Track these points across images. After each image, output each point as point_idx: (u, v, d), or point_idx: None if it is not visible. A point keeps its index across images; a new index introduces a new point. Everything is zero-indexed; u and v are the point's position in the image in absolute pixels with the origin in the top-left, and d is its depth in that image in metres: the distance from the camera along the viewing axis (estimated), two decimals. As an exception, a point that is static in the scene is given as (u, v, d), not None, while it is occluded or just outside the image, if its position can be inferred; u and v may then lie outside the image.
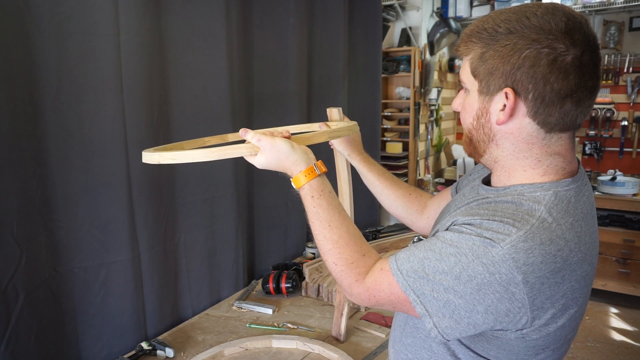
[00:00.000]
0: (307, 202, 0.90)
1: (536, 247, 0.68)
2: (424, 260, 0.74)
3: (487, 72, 0.74)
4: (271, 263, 2.12)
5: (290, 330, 1.62)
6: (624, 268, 3.65)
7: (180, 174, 1.66)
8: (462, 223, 0.75)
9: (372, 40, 2.81)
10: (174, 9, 1.57)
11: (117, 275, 1.46)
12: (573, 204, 0.75)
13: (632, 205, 3.56)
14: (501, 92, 0.73)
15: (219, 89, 1.76)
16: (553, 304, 0.71)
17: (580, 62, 0.69)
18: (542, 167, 0.76)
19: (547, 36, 0.68)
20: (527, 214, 0.71)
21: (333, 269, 0.87)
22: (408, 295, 0.75)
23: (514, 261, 0.67)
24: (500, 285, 0.68)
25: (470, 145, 0.83)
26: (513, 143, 0.76)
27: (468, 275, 0.69)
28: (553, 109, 0.71)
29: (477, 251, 0.69)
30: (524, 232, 0.68)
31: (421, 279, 0.73)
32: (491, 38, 0.72)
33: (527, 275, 0.67)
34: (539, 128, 0.74)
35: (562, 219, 0.72)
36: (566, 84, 0.69)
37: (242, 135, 0.93)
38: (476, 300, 0.70)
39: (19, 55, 1.17)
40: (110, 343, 1.47)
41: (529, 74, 0.70)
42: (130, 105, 1.42)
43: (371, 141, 2.94)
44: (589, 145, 4.16)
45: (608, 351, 3.09)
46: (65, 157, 1.30)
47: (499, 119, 0.74)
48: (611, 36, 3.95)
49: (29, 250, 1.23)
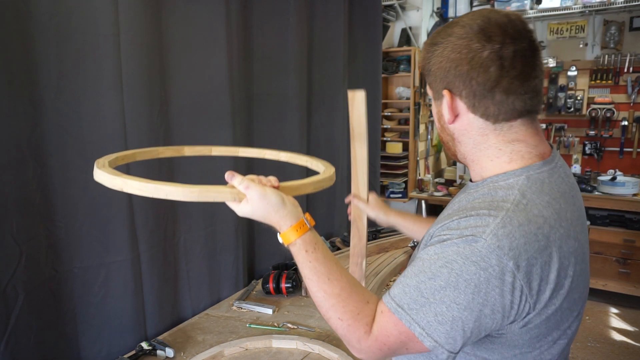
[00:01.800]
0: (302, 258, 0.84)
1: (516, 230, 0.69)
2: (419, 285, 0.73)
3: (432, 81, 0.83)
4: (271, 263, 2.12)
5: (290, 330, 1.62)
6: (624, 268, 3.65)
7: (181, 174, 1.66)
8: (441, 231, 0.76)
9: (372, 40, 2.82)
10: (174, 9, 1.57)
11: (117, 275, 1.46)
12: (547, 184, 0.77)
13: (632, 205, 3.56)
14: (442, 95, 0.80)
15: (219, 89, 1.76)
16: (548, 284, 0.72)
17: (499, 55, 0.74)
18: (504, 155, 0.80)
19: (463, 40, 0.76)
20: (502, 200, 0.74)
21: (339, 325, 0.81)
22: (413, 330, 0.72)
23: (500, 249, 0.68)
24: (496, 278, 0.69)
25: (447, 149, 0.89)
26: (470, 138, 0.82)
27: (465, 281, 0.69)
28: (486, 101, 0.77)
29: (463, 252, 0.70)
30: (501, 218, 0.70)
31: (423, 306, 0.72)
32: (429, 52, 0.82)
33: (517, 260, 0.69)
34: (485, 120, 0.79)
35: (537, 199, 0.74)
36: (487, 77, 0.75)
37: (227, 179, 0.86)
38: (480, 304, 0.69)
39: (19, 55, 1.17)
40: (110, 343, 1.47)
41: (456, 74, 0.77)
42: (130, 105, 1.42)
43: (371, 141, 2.94)
44: (589, 145, 4.16)
45: (608, 351, 3.09)
46: (65, 157, 1.30)
47: (448, 119, 0.82)
48: (611, 36, 3.95)
49: (29, 250, 1.23)
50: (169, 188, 0.81)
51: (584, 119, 4.17)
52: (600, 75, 4.04)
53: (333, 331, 1.61)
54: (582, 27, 4.11)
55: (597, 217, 3.73)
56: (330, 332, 1.59)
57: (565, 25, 4.17)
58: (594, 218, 3.75)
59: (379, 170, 3.10)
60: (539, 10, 4.07)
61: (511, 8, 4.17)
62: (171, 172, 1.64)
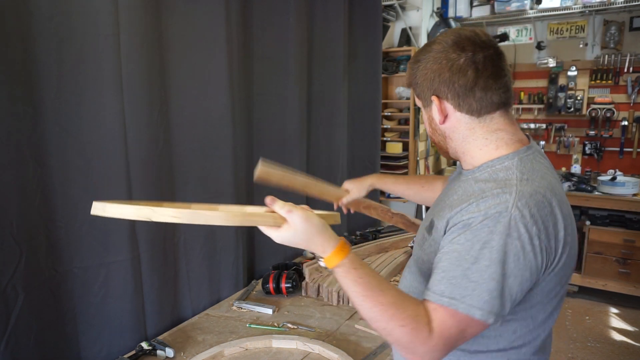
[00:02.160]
0: (352, 276, 0.85)
1: (529, 200, 0.82)
2: (465, 272, 0.80)
3: (420, 92, 0.97)
4: (271, 263, 2.12)
5: (290, 330, 1.62)
6: (624, 268, 3.65)
7: (181, 174, 1.67)
8: (461, 218, 0.85)
9: (372, 40, 2.81)
10: (174, 9, 1.57)
11: (117, 275, 1.46)
12: (537, 163, 0.92)
13: (632, 205, 3.56)
14: (431, 101, 0.94)
15: (219, 89, 1.76)
16: (559, 241, 0.84)
17: (473, 61, 0.89)
18: (491, 143, 0.94)
19: (441, 53, 0.92)
20: (506, 179, 0.87)
21: (402, 332, 0.82)
22: (473, 315, 0.79)
23: (523, 218, 0.80)
24: (528, 243, 0.80)
25: (439, 148, 1.02)
26: (459, 133, 0.96)
27: (505, 253, 0.79)
28: (469, 99, 0.91)
29: (495, 229, 0.80)
30: (515, 193, 0.83)
31: (474, 290, 0.79)
32: (412, 70, 0.97)
33: (537, 224, 0.81)
34: (470, 116, 0.93)
35: (532, 175, 0.88)
36: (466, 79, 0.90)
37: (268, 204, 0.86)
38: (521, 269, 0.81)
39: (19, 55, 1.17)
40: (110, 343, 1.47)
41: (440, 81, 0.92)
42: (130, 105, 1.42)
43: (371, 141, 2.94)
44: (589, 145, 4.16)
45: (608, 351, 3.09)
46: (65, 157, 1.30)
47: (439, 120, 0.95)
48: (611, 36, 3.95)
49: (29, 250, 1.23)
50: (209, 213, 0.77)
51: (584, 119, 4.17)
52: (600, 75, 4.04)
53: (333, 331, 1.62)
54: (582, 27, 4.11)
55: (597, 217, 3.73)
56: (330, 332, 1.59)
57: (565, 25, 4.17)
58: (594, 218, 3.75)
59: (379, 170, 3.10)
60: (539, 10, 4.07)
61: (511, 8, 4.17)
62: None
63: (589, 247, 3.76)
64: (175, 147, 1.63)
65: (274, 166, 1.18)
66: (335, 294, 1.82)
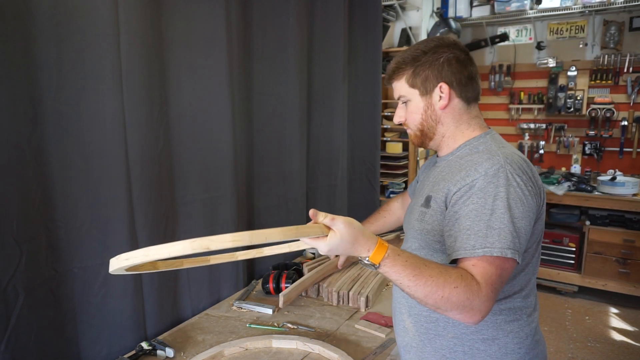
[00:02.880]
0: (399, 264, 0.90)
1: (512, 159, 1.02)
2: (487, 223, 0.94)
3: (422, 80, 1.11)
4: (271, 263, 2.12)
5: (290, 330, 1.62)
6: (624, 268, 3.65)
7: (181, 174, 1.66)
8: (465, 183, 1.01)
9: (372, 40, 2.81)
10: (174, 9, 1.57)
11: (117, 275, 1.45)
12: (503, 140, 1.13)
13: (632, 205, 3.56)
14: (436, 88, 1.11)
15: (219, 89, 1.76)
16: (541, 189, 1.05)
17: (469, 58, 1.13)
18: (470, 127, 1.14)
19: (447, 48, 1.11)
20: (488, 150, 1.06)
21: (457, 293, 0.88)
22: (505, 255, 0.92)
23: (514, 170, 0.99)
24: (525, 189, 0.98)
25: (421, 135, 1.17)
26: (452, 118, 1.13)
27: (513, 200, 0.96)
28: (469, 88, 1.12)
29: (499, 183, 0.97)
30: (501, 155, 1.02)
31: (500, 234, 0.93)
32: (415, 60, 1.12)
33: (526, 174, 1.01)
34: (464, 103, 1.13)
35: (505, 145, 1.09)
36: (469, 71, 1.11)
37: (312, 216, 0.90)
38: (528, 210, 0.98)
39: (19, 55, 1.17)
40: (110, 343, 1.47)
41: (449, 70, 1.10)
42: (130, 105, 1.42)
43: (371, 141, 2.94)
44: (589, 145, 4.16)
45: (608, 351, 3.09)
46: (65, 157, 1.30)
47: (441, 105, 1.11)
48: (611, 36, 3.95)
49: (29, 250, 1.23)
50: (268, 231, 0.81)
51: (583, 119, 4.17)
52: (600, 75, 4.04)
53: (333, 331, 1.62)
54: (582, 27, 4.11)
55: (597, 217, 3.73)
56: (330, 332, 1.60)
57: (565, 25, 4.18)
58: (593, 218, 3.75)
59: (379, 170, 3.10)
60: (539, 10, 4.07)
61: (511, 8, 4.17)
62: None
63: (589, 247, 3.76)
64: (175, 146, 1.63)
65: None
66: (335, 294, 1.82)
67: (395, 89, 1.17)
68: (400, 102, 1.18)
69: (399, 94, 1.16)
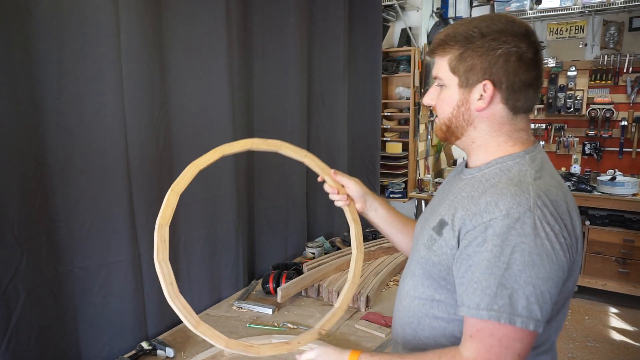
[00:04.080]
0: None
1: (546, 199, 0.81)
2: (499, 280, 0.78)
3: (466, 69, 0.89)
4: (271, 263, 2.12)
5: (290, 330, 1.62)
6: (624, 268, 3.65)
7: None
8: (482, 221, 0.82)
9: (372, 40, 2.82)
10: (174, 9, 1.57)
11: (118, 275, 1.46)
12: (546, 162, 0.92)
13: (631, 205, 3.56)
14: (479, 85, 0.88)
15: (219, 89, 1.76)
16: (577, 238, 0.85)
17: (536, 59, 0.88)
18: (511, 140, 0.92)
19: (513, 38, 0.86)
20: (520, 176, 0.86)
21: None
22: (514, 323, 0.77)
23: (545, 217, 0.80)
24: (555, 242, 0.79)
25: (447, 131, 0.96)
26: (488, 125, 0.92)
27: (538, 255, 0.78)
28: (520, 95, 0.89)
29: (523, 232, 0.78)
30: (533, 192, 0.82)
31: (511, 296, 0.78)
32: (467, 41, 0.88)
33: (558, 222, 0.81)
34: (509, 111, 0.90)
35: (544, 174, 0.88)
36: (529, 75, 0.88)
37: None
38: (556, 270, 0.79)
39: (20, 55, 1.17)
40: (110, 343, 1.47)
41: (503, 68, 0.86)
42: (130, 105, 1.42)
43: (371, 141, 2.94)
44: (588, 145, 4.16)
45: (608, 351, 3.09)
46: (65, 157, 1.30)
47: (478, 106, 0.90)
48: (611, 36, 3.95)
49: (30, 250, 1.23)
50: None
51: (583, 119, 4.17)
52: (599, 75, 4.04)
53: (333, 331, 1.62)
54: (581, 27, 4.11)
55: (596, 217, 3.73)
56: (330, 332, 1.60)
57: (564, 26, 4.18)
58: (593, 218, 3.75)
59: (379, 170, 3.10)
60: (538, 10, 4.07)
61: (511, 9, 4.17)
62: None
63: (589, 247, 3.76)
64: (175, 147, 1.63)
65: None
66: (335, 294, 1.82)
67: (435, 66, 0.95)
68: (435, 82, 0.97)
69: (436, 74, 0.95)
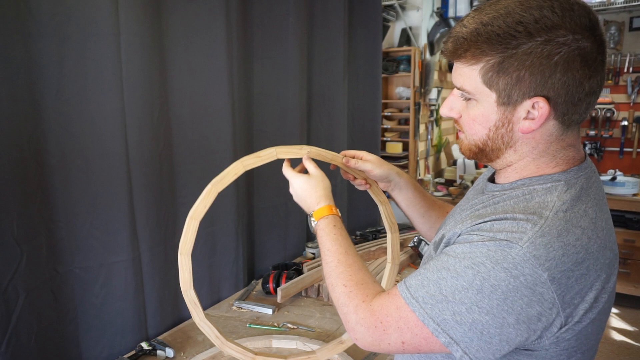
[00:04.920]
0: (329, 230, 0.93)
1: (554, 240, 0.65)
2: (439, 281, 0.69)
3: (509, 84, 0.68)
4: (271, 263, 2.12)
5: (290, 330, 1.62)
6: (624, 268, 3.65)
7: (181, 174, 1.67)
8: (470, 231, 0.72)
9: (372, 40, 2.81)
10: (174, 9, 1.57)
11: (118, 276, 1.46)
12: (585, 191, 0.72)
13: (632, 205, 3.56)
14: (527, 101, 0.69)
15: (219, 89, 1.76)
16: (583, 298, 0.67)
17: (602, 58, 0.68)
18: (555, 160, 0.74)
19: (574, 36, 0.64)
20: (539, 206, 0.69)
21: (342, 292, 0.82)
22: (427, 324, 0.69)
23: (536, 259, 0.64)
24: (526, 288, 0.64)
25: (479, 153, 0.78)
26: (533, 146, 0.74)
27: (491, 286, 0.65)
28: (580, 107, 0.70)
29: (494, 257, 0.66)
30: (540, 226, 0.66)
31: (439, 303, 0.68)
32: (507, 44, 0.66)
33: (552, 271, 0.64)
34: (561, 126, 0.72)
35: (575, 207, 0.69)
36: (595, 82, 0.68)
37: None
38: (505, 311, 0.65)
39: (19, 55, 1.17)
40: (110, 343, 1.47)
41: (562, 80, 0.66)
42: (130, 105, 1.42)
43: (371, 141, 2.94)
44: (589, 145, 4.17)
45: (608, 351, 3.09)
46: (65, 157, 1.30)
47: (525, 128, 0.71)
48: (611, 36, 3.95)
49: (30, 250, 1.23)
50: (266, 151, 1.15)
51: (583, 118, 4.17)
52: (600, 75, 4.04)
53: (333, 331, 1.62)
54: (582, 27, 4.11)
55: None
56: (330, 332, 1.59)
57: (565, 25, 4.18)
58: (594, 218, 3.75)
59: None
60: (538, 10, 4.07)
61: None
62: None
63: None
64: (175, 147, 1.63)
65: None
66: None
67: (457, 74, 0.74)
68: (456, 91, 0.77)
69: (461, 85, 0.74)
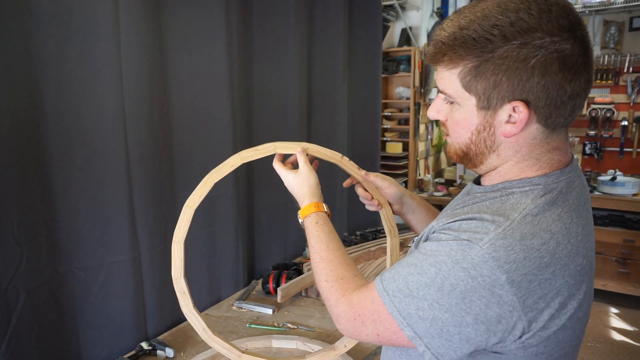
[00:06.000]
0: (312, 227, 0.97)
1: (516, 243, 0.64)
2: (407, 277, 0.71)
3: (486, 88, 0.68)
4: (271, 263, 2.12)
5: (290, 330, 1.62)
6: (624, 268, 3.65)
7: (181, 173, 1.67)
8: (441, 229, 0.73)
9: (372, 40, 2.81)
10: (174, 9, 1.57)
11: (118, 276, 1.46)
12: (563, 195, 0.71)
13: (632, 205, 3.56)
14: (507, 105, 0.68)
15: (219, 89, 1.76)
16: (548, 304, 0.66)
17: (585, 60, 0.66)
18: (538, 164, 0.73)
19: (551, 38, 0.63)
20: (510, 208, 0.69)
21: (324, 286, 0.88)
22: (394, 317, 0.71)
23: (495, 260, 0.64)
24: (484, 289, 0.64)
25: (464, 157, 0.78)
26: (516, 150, 0.73)
27: (450, 285, 0.66)
28: (564, 110, 0.68)
29: (455, 256, 0.66)
30: (503, 228, 0.66)
31: (406, 297, 0.69)
32: (483, 48, 0.65)
33: (511, 274, 0.64)
34: (544, 129, 0.70)
35: (547, 211, 0.68)
36: (578, 85, 0.66)
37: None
38: (463, 310, 0.65)
39: (20, 55, 1.17)
40: (110, 343, 1.47)
41: (540, 83, 0.65)
42: (130, 105, 1.42)
43: (371, 141, 2.94)
44: (589, 145, 4.16)
45: (608, 351, 3.09)
46: (65, 157, 1.30)
47: (507, 132, 0.70)
48: (611, 36, 3.95)
49: (30, 250, 1.23)
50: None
51: (584, 119, 4.17)
52: (600, 75, 4.04)
53: (333, 331, 1.62)
54: (582, 27, 4.11)
55: (597, 217, 3.73)
56: (330, 332, 1.60)
57: (565, 25, 4.17)
58: (593, 218, 3.73)
59: (379, 170, 3.10)
60: (538, 10, 4.07)
61: (511, 8, 4.17)
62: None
63: (589, 247, 3.77)
64: (175, 147, 1.63)
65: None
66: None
67: (439, 77, 0.74)
68: (441, 94, 0.77)
69: (443, 88, 0.74)
